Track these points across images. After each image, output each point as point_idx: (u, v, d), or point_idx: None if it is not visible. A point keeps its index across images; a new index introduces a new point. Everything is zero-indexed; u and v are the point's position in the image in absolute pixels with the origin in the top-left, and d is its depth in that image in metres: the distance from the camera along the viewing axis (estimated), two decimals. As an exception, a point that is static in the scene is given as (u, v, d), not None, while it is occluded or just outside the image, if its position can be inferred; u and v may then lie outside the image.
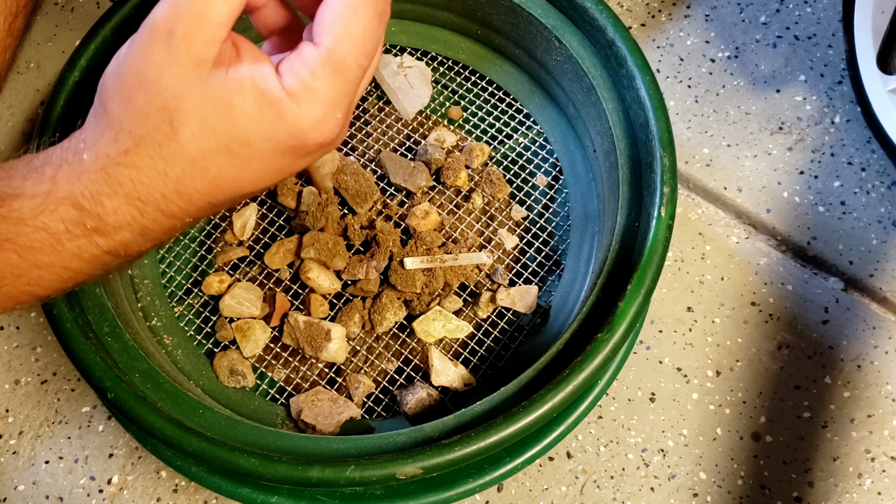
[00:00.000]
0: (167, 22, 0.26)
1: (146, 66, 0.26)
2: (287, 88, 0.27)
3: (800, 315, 0.49)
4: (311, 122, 0.27)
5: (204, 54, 0.26)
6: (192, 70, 0.26)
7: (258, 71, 0.27)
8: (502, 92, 0.53)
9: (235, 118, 0.27)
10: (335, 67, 0.27)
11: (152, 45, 0.26)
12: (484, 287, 0.47)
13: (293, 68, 0.27)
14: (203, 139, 0.27)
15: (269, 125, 0.27)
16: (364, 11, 0.27)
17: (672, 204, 0.40)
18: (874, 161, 0.53)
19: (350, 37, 0.27)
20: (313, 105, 0.27)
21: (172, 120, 0.26)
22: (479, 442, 0.35)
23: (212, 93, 0.26)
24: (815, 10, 0.58)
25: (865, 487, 0.44)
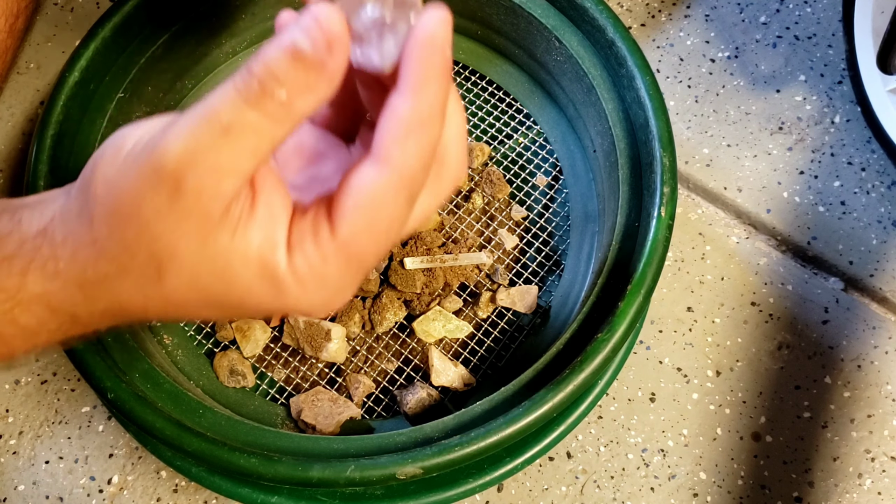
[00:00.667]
0: (178, 167, 0.22)
1: (144, 204, 0.22)
2: (294, 269, 0.24)
3: (800, 315, 0.49)
4: (312, 306, 0.25)
5: (213, 210, 0.23)
6: (193, 225, 0.23)
7: (267, 240, 0.24)
8: (502, 92, 0.53)
9: (232, 285, 0.24)
10: (349, 259, 0.24)
11: (156, 186, 0.22)
12: (484, 287, 0.47)
13: (305, 249, 0.24)
14: (190, 294, 0.24)
15: (267, 299, 0.24)
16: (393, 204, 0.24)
17: (672, 204, 0.40)
18: (874, 161, 0.53)
19: (368, 233, 0.24)
20: (319, 291, 0.25)
21: (161, 268, 0.24)
22: (479, 442, 0.35)
23: (210, 254, 0.23)
24: (815, 10, 0.58)
25: (865, 487, 0.44)
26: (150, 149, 0.22)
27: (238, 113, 0.22)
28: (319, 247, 0.24)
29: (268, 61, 0.22)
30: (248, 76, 0.22)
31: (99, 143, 0.46)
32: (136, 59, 0.48)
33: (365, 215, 0.24)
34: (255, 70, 0.22)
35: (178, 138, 0.22)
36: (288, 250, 0.24)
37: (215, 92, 0.22)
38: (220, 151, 0.22)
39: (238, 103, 0.22)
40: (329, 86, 0.22)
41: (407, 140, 0.23)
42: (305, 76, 0.22)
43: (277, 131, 0.22)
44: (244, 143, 0.22)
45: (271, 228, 0.24)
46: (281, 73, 0.21)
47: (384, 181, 0.23)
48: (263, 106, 0.22)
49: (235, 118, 0.22)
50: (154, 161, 0.22)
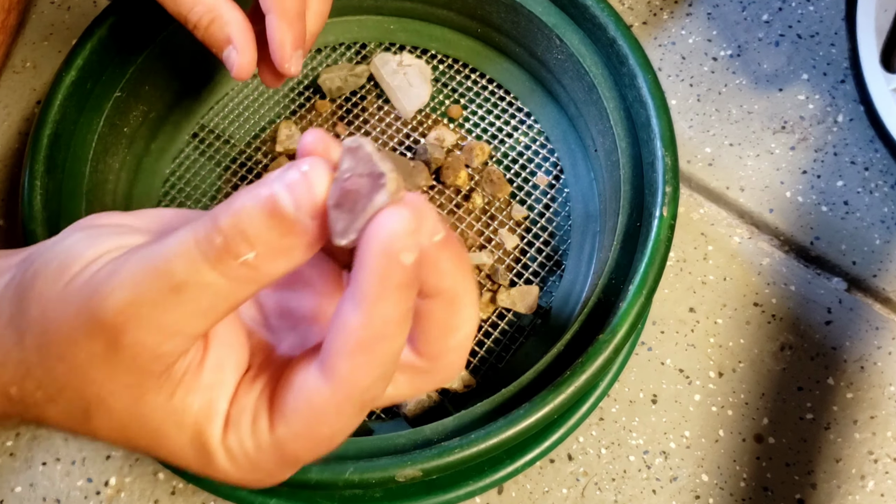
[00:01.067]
0: (118, 320, 0.19)
1: (77, 349, 0.20)
2: (227, 447, 0.22)
3: (802, 316, 0.49)
4: (243, 481, 0.23)
5: (152, 368, 0.20)
6: (129, 381, 0.20)
7: (207, 408, 0.21)
8: (503, 90, 0.53)
9: (161, 444, 0.22)
10: (283, 458, 0.22)
11: (91, 334, 0.20)
12: (484, 287, 0.47)
13: (241, 432, 0.21)
14: (119, 438, 0.22)
15: (196, 465, 0.22)
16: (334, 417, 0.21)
17: (674, 204, 0.40)
18: (877, 160, 0.53)
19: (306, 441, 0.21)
20: (251, 473, 0.22)
21: (89, 411, 0.21)
22: (479, 444, 0.35)
23: (143, 412, 0.21)
24: (818, 9, 0.58)
25: (868, 489, 0.44)
26: (91, 290, 0.20)
27: (194, 271, 0.19)
28: (256, 436, 0.21)
29: (239, 215, 0.18)
30: (212, 228, 0.19)
31: (97, 143, 0.46)
32: (133, 58, 0.48)
33: (304, 422, 0.21)
34: (221, 223, 0.19)
35: (123, 287, 0.19)
36: (225, 426, 0.21)
37: (172, 238, 0.19)
38: (167, 311, 0.19)
39: (196, 260, 0.19)
40: (308, 252, 0.19)
41: (355, 356, 0.19)
42: (280, 239, 0.19)
43: (239, 295, 0.19)
44: (197, 304, 0.19)
45: (214, 395, 0.21)
46: (252, 232, 0.18)
47: (327, 394, 0.20)
48: (225, 267, 0.19)
49: (190, 277, 0.19)
50: (93, 307, 0.19)
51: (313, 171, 0.19)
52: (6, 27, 0.52)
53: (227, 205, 0.19)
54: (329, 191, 0.19)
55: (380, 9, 0.54)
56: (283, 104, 0.54)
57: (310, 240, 0.19)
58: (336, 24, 0.54)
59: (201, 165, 0.52)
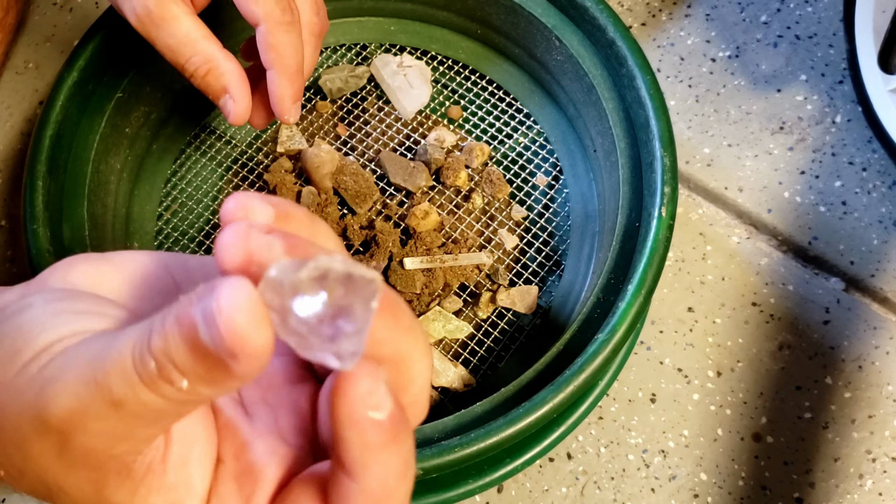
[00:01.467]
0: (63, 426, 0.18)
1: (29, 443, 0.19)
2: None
3: (801, 315, 0.49)
4: None
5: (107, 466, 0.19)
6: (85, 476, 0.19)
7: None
8: (502, 91, 0.53)
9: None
10: None
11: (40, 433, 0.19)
12: (484, 287, 0.47)
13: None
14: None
15: None
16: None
17: (673, 204, 0.40)
18: (875, 161, 0.53)
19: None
20: None
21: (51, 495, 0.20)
22: (479, 443, 0.35)
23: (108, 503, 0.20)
24: (816, 10, 0.58)
25: (866, 488, 0.44)
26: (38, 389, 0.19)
27: (131, 391, 0.18)
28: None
29: (167, 341, 0.17)
30: (145, 350, 0.18)
31: (98, 144, 0.46)
32: (134, 58, 0.48)
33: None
34: (153, 346, 0.17)
35: (65, 396, 0.18)
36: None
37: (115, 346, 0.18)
38: (110, 422, 0.18)
39: (132, 380, 0.18)
40: (240, 382, 0.18)
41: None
42: (208, 372, 0.17)
43: (180, 411, 0.19)
44: (139, 418, 0.18)
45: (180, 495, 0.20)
46: (179, 360, 0.17)
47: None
48: (161, 389, 0.18)
49: (128, 396, 0.18)
50: (39, 408, 0.19)
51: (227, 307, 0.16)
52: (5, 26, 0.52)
53: (161, 320, 0.18)
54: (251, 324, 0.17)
55: (380, 10, 0.54)
56: (284, 105, 0.54)
57: (239, 375, 0.17)
58: (337, 26, 0.55)
59: (202, 166, 0.52)
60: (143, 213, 0.50)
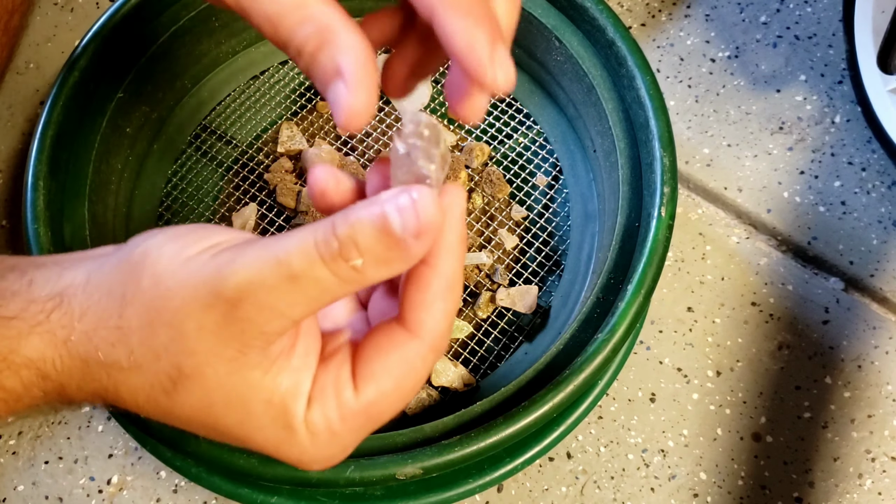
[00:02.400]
0: (237, 295, 0.22)
1: (189, 317, 0.22)
2: (310, 422, 0.24)
3: (800, 315, 0.49)
4: (315, 459, 0.25)
5: (254, 344, 0.23)
6: (230, 353, 0.23)
7: (294, 387, 0.24)
8: (502, 92, 0.53)
9: (244, 422, 0.24)
10: (368, 419, 0.25)
11: (209, 306, 0.22)
12: (484, 287, 0.47)
13: (326, 405, 0.24)
14: (195, 414, 0.24)
15: (272, 443, 0.24)
16: (426, 366, 0.25)
17: (672, 204, 0.40)
18: (874, 161, 0.53)
19: (393, 396, 0.24)
20: (328, 447, 0.25)
21: (178, 382, 0.23)
22: (479, 442, 0.35)
23: (234, 385, 0.23)
24: (816, 10, 0.58)
25: (866, 488, 0.44)
26: (215, 268, 0.22)
27: (310, 266, 0.22)
28: (341, 405, 0.24)
29: (354, 227, 0.22)
30: (330, 234, 0.22)
31: (99, 144, 0.46)
32: (135, 59, 0.48)
33: (395, 378, 0.24)
34: (338, 231, 0.22)
35: (245, 269, 0.22)
36: (308, 403, 0.24)
37: (294, 235, 0.22)
38: (280, 294, 0.22)
39: (313, 257, 0.22)
40: (405, 265, 0.23)
41: (434, 306, 0.24)
42: (386, 252, 0.22)
43: (341, 291, 0.22)
44: (306, 293, 0.22)
45: (301, 377, 0.24)
46: (363, 242, 0.22)
47: (416, 346, 0.24)
48: (336, 267, 0.22)
49: (306, 270, 0.22)
50: (216, 282, 0.22)
51: (422, 200, 0.22)
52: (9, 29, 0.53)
53: (344, 215, 0.22)
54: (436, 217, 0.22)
55: (380, 10, 0.54)
56: (285, 105, 0.54)
57: (410, 255, 0.22)
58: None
59: (203, 166, 0.52)
60: (143, 212, 0.50)
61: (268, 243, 0.22)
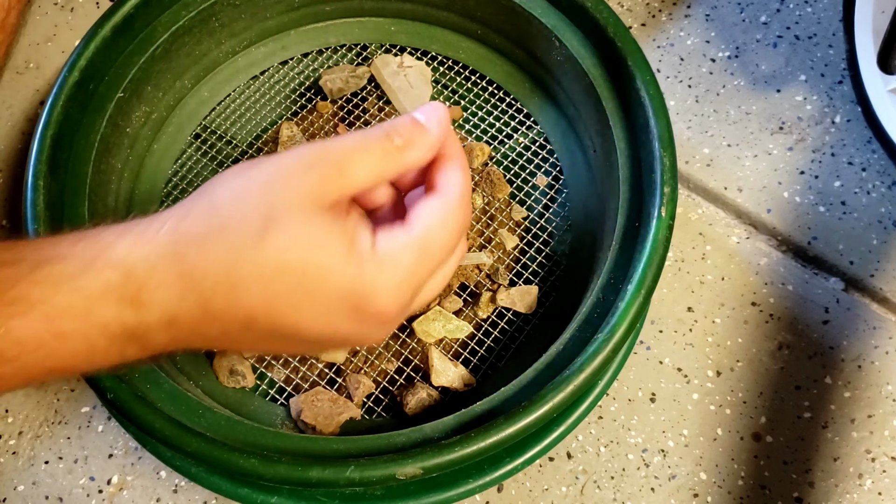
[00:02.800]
0: (315, 158, 0.29)
1: (276, 179, 0.28)
2: (377, 251, 0.29)
3: (800, 315, 0.49)
4: (383, 288, 0.29)
5: (329, 196, 0.28)
6: (310, 201, 0.28)
7: (359, 228, 0.29)
8: (502, 92, 0.53)
9: (322, 251, 0.28)
10: (422, 251, 0.29)
11: (291, 168, 0.28)
12: (484, 287, 0.47)
13: (385, 238, 0.29)
14: (285, 257, 0.27)
15: (348, 271, 0.28)
16: (455, 218, 0.31)
17: (672, 204, 0.40)
18: (874, 161, 0.53)
19: (440, 232, 0.30)
20: (393, 274, 0.29)
21: (267, 227, 0.27)
22: (479, 442, 0.35)
23: (318, 225, 0.28)
24: (816, 10, 0.58)
25: (866, 488, 0.44)
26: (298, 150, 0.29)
27: (367, 142, 0.30)
28: (397, 238, 0.29)
29: (394, 121, 0.31)
30: (379, 128, 0.30)
31: (99, 144, 0.46)
32: (135, 59, 0.48)
33: (438, 218, 0.30)
34: (384, 125, 0.30)
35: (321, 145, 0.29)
36: (373, 238, 0.29)
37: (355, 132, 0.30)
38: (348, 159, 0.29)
39: (369, 137, 0.30)
40: (429, 148, 0.31)
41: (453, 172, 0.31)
42: (416, 134, 0.30)
43: (387, 166, 0.30)
44: (365, 161, 0.29)
45: (363, 223, 0.30)
46: (401, 128, 0.30)
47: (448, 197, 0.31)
48: (386, 143, 0.30)
49: (364, 144, 0.30)
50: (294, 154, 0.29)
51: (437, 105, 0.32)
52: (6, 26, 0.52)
53: (390, 121, 0.31)
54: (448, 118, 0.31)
55: (381, 11, 0.54)
56: (285, 105, 0.54)
57: (432, 138, 0.31)
58: (337, 26, 0.55)
59: (203, 166, 0.52)
60: (144, 212, 0.50)
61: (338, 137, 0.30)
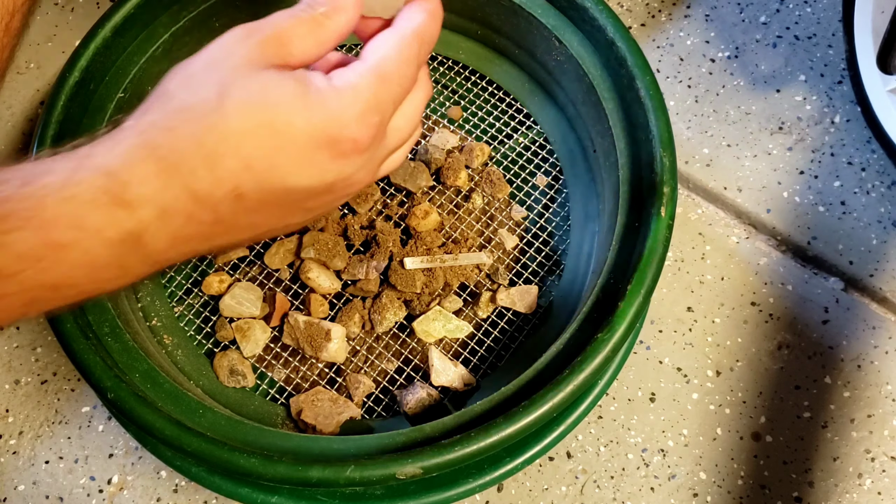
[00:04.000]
0: (251, 29, 0.29)
1: (220, 53, 0.29)
2: (334, 84, 0.29)
3: (800, 315, 0.49)
4: (351, 115, 0.29)
5: (269, 59, 0.29)
6: (253, 62, 0.29)
7: (311, 73, 0.30)
8: (502, 92, 0.53)
9: (282, 98, 0.28)
10: (380, 76, 0.30)
11: (231, 41, 0.29)
12: (484, 287, 0.47)
13: (341, 73, 0.30)
14: (246, 113, 0.28)
15: (312, 110, 0.29)
16: (409, 47, 0.31)
17: (672, 204, 0.40)
18: (874, 161, 0.53)
19: (395, 58, 0.30)
20: (355, 100, 0.29)
21: (222, 93, 0.28)
22: (479, 442, 0.35)
23: (269, 77, 0.28)
24: (815, 10, 0.58)
25: (865, 487, 0.44)
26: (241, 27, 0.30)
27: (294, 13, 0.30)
28: (353, 69, 0.30)
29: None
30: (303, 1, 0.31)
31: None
32: (135, 58, 0.48)
33: (391, 46, 0.30)
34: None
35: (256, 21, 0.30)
36: (327, 77, 0.30)
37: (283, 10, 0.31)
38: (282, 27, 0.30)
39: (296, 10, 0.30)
40: (350, 15, 0.30)
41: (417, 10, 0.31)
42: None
43: (320, 32, 0.30)
44: (297, 28, 0.30)
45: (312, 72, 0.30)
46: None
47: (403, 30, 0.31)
48: (312, 12, 0.30)
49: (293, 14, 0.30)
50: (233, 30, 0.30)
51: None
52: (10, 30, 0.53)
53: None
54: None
55: (380, 10, 0.54)
56: (285, 105, 0.54)
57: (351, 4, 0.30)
58: None
59: (203, 166, 0.52)
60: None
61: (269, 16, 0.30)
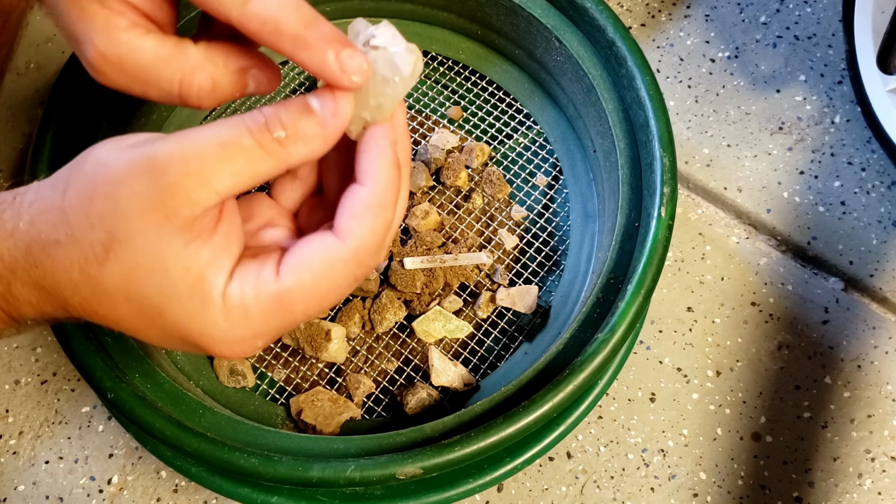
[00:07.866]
0: (169, 160, 0.24)
1: (124, 185, 0.24)
2: (226, 297, 0.25)
3: (800, 315, 0.49)
4: (226, 338, 0.26)
5: (181, 213, 0.24)
6: (157, 219, 0.24)
7: (214, 262, 0.25)
8: (502, 92, 0.53)
9: (163, 290, 0.25)
10: (280, 307, 0.26)
11: (142, 172, 0.24)
12: (484, 287, 0.47)
13: (244, 282, 0.26)
14: (123, 284, 0.25)
15: (189, 314, 0.25)
16: (338, 274, 0.26)
17: (672, 204, 0.40)
18: (874, 161, 0.53)
19: (309, 292, 0.26)
20: (238, 326, 0.26)
21: (109, 248, 0.25)
22: (479, 442, 0.35)
23: (159, 252, 0.25)
24: (815, 10, 0.58)
25: (865, 487, 0.44)
26: (150, 141, 0.25)
27: (238, 135, 0.24)
28: (258, 286, 0.26)
29: (278, 107, 0.25)
30: (258, 113, 0.25)
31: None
32: (136, 59, 0.48)
33: (313, 274, 0.26)
34: (265, 110, 0.25)
35: (179, 140, 0.24)
36: (228, 279, 0.25)
37: (224, 120, 0.25)
38: (208, 161, 0.24)
39: (241, 129, 0.24)
40: (321, 142, 0.25)
41: (366, 219, 0.26)
42: (304, 126, 0.25)
43: (264, 165, 0.25)
44: (232, 162, 0.24)
45: (221, 254, 0.25)
46: (285, 118, 0.25)
47: (341, 250, 0.26)
48: (262, 137, 0.24)
49: (234, 138, 0.24)
50: (149, 151, 0.24)
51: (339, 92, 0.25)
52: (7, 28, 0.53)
53: (273, 105, 0.25)
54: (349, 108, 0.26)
55: (380, 11, 0.54)
56: (285, 105, 0.54)
57: (327, 133, 0.25)
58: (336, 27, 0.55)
59: (203, 166, 0.52)
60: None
61: (201, 126, 0.25)
